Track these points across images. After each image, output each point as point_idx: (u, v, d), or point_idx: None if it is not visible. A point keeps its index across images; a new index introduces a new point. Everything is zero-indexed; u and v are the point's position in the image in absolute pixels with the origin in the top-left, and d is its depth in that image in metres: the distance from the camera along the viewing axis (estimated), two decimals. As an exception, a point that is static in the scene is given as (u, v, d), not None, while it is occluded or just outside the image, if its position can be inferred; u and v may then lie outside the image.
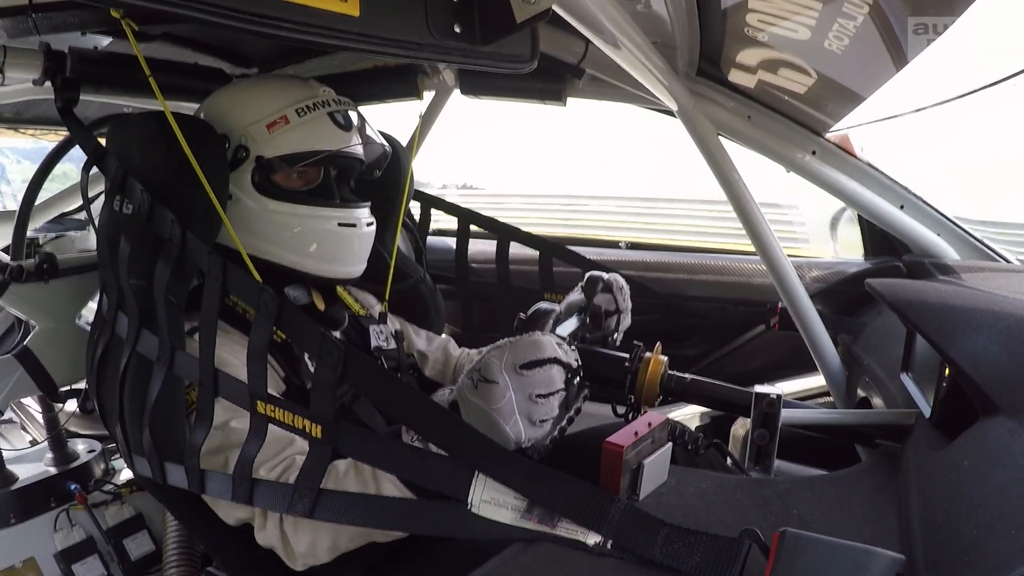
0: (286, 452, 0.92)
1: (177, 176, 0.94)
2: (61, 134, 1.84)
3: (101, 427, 1.50)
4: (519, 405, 0.79)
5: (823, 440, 1.03)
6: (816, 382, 1.58)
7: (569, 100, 1.58)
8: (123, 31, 0.89)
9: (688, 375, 1.03)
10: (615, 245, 2.19)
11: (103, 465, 1.59)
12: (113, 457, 1.64)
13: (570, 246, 1.88)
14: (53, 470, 1.49)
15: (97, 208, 1.08)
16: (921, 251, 1.52)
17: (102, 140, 1.03)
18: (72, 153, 1.33)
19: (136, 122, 0.99)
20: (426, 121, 1.79)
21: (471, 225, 1.83)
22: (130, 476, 1.56)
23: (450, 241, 1.97)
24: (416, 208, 1.84)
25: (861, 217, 1.78)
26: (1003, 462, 0.64)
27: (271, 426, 0.82)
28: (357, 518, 0.78)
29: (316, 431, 0.78)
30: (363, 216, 1.13)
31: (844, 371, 1.38)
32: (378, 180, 1.24)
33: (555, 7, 0.82)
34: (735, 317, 1.79)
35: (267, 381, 0.83)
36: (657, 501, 0.76)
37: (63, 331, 1.31)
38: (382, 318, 1.29)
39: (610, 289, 1.21)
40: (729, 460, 1.13)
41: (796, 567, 0.57)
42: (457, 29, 0.88)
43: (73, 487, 1.47)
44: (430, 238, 1.98)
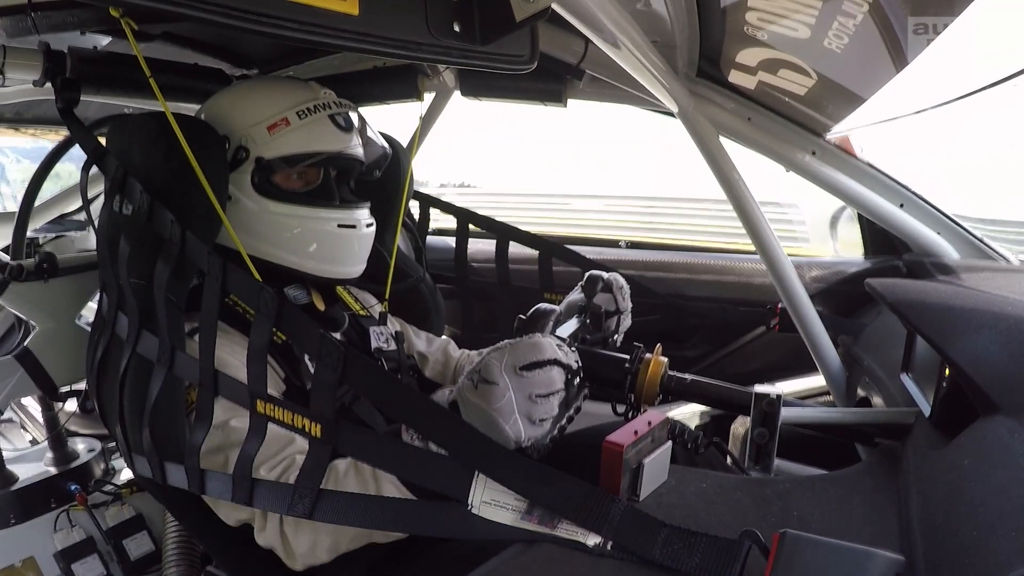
0: (286, 451, 0.92)
1: (177, 176, 0.94)
2: (61, 134, 1.84)
3: (101, 427, 1.50)
4: (519, 405, 0.78)
5: (823, 440, 1.03)
6: (816, 382, 1.58)
7: (569, 101, 1.58)
8: (123, 30, 0.89)
9: (688, 376, 1.03)
10: (615, 244, 2.19)
11: (103, 465, 1.59)
12: (113, 457, 1.64)
13: (569, 245, 1.88)
14: (53, 470, 1.48)
15: (97, 208, 1.08)
16: (921, 250, 1.52)
17: (102, 140, 1.03)
18: (72, 153, 1.33)
19: (136, 122, 0.99)
20: (426, 122, 1.79)
21: (470, 224, 1.83)
22: (130, 476, 1.56)
23: (450, 240, 1.97)
24: (415, 207, 1.84)
25: (861, 216, 1.78)
26: (1003, 462, 0.64)
27: (271, 425, 0.82)
28: (357, 519, 0.78)
29: (316, 431, 0.78)
30: (363, 217, 1.13)
31: (844, 371, 1.38)
32: (378, 180, 1.24)
33: (554, 6, 0.82)
34: (735, 317, 1.79)
35: (267, 382, 0.83)
36: (657, 501, 0.77)
37: (63, 331, 1.31)
38: (382, 319, 1.29)
39: (610, 288, 1.21)
40: (729, 459, 1.13)
41: (796, 568, 0.57)
42: (457, 28, 0.88)
43: (73, 487, 1.46)
44: (429, 238, 1.99)
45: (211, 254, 0.84)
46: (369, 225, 1.15)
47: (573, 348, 0.87)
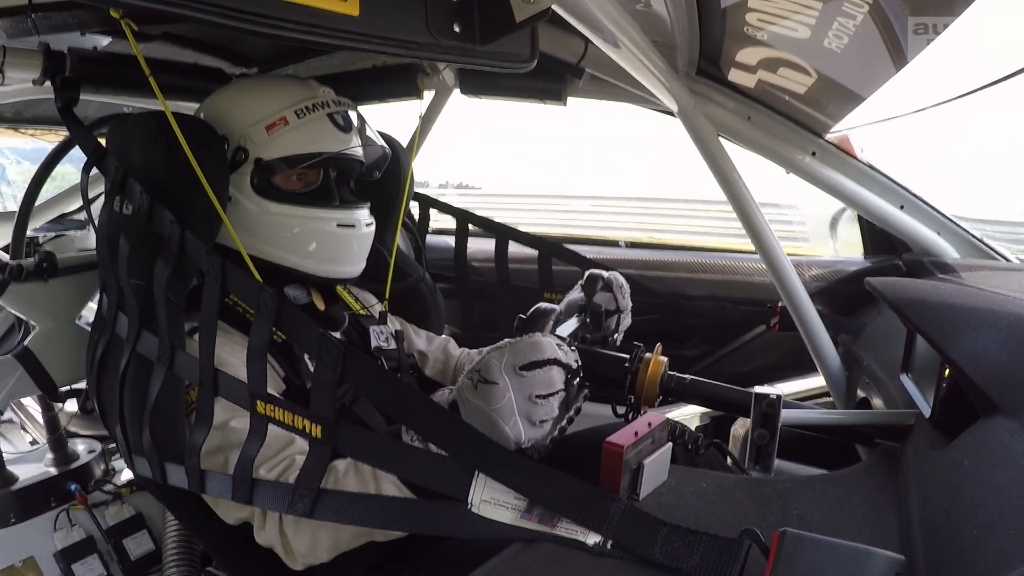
0: (286, 452, 0.92)
1: (177, 176, 0.93)
2: (61, 134, 1.84)
3: (101, 427, 1.50)
4: (519, 406, 0.78)
5: (823, 440, 1.03)
6: (816, 382, 1.58)
7: (569, 100, 1.58)
8: (123, 31, 0.89)
9: (688, 376, 1.03)
10: (614, 244, 2.19)
11: (103, 465, 1.59)
12: (113, 457, 1.64)
13: (569, 245, 1.88)
14: (53, 470, 1.49)
15: (97, 209, 1.08)
16: (921, 250, 1.52)
17: (102, 140, 1.03)
18: (72, 154, 1.33)
19: (136, 122, 0.99)
20: (426, 121, 1.79)
21: (469, 224, 1.83)
22: (130, 476, 1.56)
23: (449, 240, 1.97)
24: (415, 207, 1.84)
25: (861, 216, 1.78)
26: (1003, 462, 0.64)
27: (271, 426, 0.82)
28: (357, 518, 0.78)
29: (316, 431, 0.78)
30: (362, 217, 1.13)
31: (844, 371, 1.38)
32: (378, 180, 1.24)
33: (554, 6, 0.82)
34: (735, 317, 1.79)
35: (267, 381, 0.83)
36: (657, 501, 0.76)
37: (63, 331, 1.31)
38: (382, 318, 1.29)
39: (610, 287, 1.21)
40: (729, 460, 1.13)
41: (796, 567, 0.57)
42: (456, 28, 0.88)
43: (73, 487, 1.47)
44: (429, 237, 1.98)
45: (211, 254, 0.84)
46: (368, 225, 1.15)
47: (573, 347, 0.87)
